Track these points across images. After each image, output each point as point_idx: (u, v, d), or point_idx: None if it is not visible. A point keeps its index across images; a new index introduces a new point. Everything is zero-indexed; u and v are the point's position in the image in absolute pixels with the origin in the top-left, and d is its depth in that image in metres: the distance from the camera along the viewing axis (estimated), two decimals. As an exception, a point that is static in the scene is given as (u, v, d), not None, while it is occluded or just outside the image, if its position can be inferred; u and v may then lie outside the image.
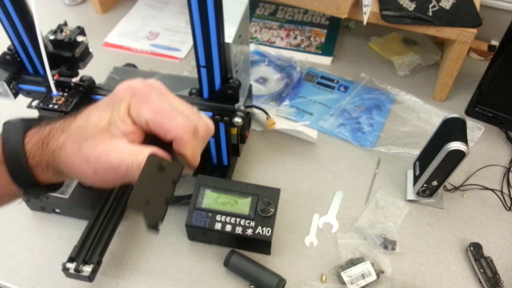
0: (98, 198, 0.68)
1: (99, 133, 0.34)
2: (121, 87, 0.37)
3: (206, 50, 0.57)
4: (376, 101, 0.91)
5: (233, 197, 0.66)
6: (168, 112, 0.35)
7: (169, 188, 0.33)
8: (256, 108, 0.78)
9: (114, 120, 0.35)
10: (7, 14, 0.61)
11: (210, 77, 0.61)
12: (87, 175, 0.35)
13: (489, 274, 0.64)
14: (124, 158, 0.34)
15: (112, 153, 0.34)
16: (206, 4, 0.51)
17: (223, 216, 0.65)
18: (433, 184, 0.69)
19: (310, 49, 1.03)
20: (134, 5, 1.16)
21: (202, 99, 0.64)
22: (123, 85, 0.37)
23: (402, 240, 0.69)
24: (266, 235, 0.63)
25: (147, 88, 0.36)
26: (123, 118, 0.35)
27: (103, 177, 0.35)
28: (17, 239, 0.70)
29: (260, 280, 0.62)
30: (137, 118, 0.35)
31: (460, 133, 0.64)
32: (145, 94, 0.36)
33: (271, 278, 0.63)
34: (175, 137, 0.35)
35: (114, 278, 0.65)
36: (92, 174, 0.35)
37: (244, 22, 0.65)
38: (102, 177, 0.35)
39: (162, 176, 0.32)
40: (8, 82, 0.66)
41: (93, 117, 0.36)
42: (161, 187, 0.32)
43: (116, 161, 0.34)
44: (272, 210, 0.65)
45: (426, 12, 0.83)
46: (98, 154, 0.34)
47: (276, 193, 0.67)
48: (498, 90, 0.81)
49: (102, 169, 0.34)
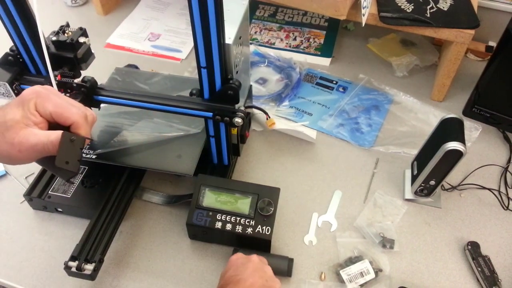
0: (100, 197, 0.69)
1: (16, 124, 0.48)
2: (27, 91, 0.50)
3: (206, 51, 0.57)
4: (375, 102, 0.92)
5: (233, 196, 0.67)
6: (65, 106, 0.51)
7: (79, 152, 0.49)
8: (256, 109, 0.78)
9: (26, 114, 0.49)
10: (9, 15, 0.62)
11: (211, 78, 0.61)
12: (13, 155, 0.49)
13: (486, 272, 0.65)
14: (40, 139, 0.48)
15: (30, 137, 0.48)
16: (207, 5, 0.51)
17: (224, 215, 0.65)
18: (431, 183, 0.70)
19: (309, 50, 1.03)
20: (135, 7, 1.17)
21: (203, 100, 0.65)
22: (28, 90, 0.51)
23: (400, 239, 0.70)
24: (266, 234, 0.64)
25: (47, 90, 0.51)
26: (33, 113, 0.49)
27: (26, 155, 0.49)
28: (19, 238, 0.70)
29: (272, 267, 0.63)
30: (43, 112, 0.50)
31: (457, 133, 0.65)
32: (46, 95, 0.50)
33: (280, 261, 0.64)
34: (73, 123, 0.51)
35: (115, 277, 0.66)
36: (18, 153, 0.48)
37: (244, 24, 0.66)
38: (26, 155, 0.49)
39: (73, 145, 0.49)
40: (10, 83, 0.66)
41: (9, 114, 0.48)
42: (73, 152, 0.49)
43: (34, 141, 0.48)
44: (272, 209, 0.65)
45: (424, 14, 0.83)
46: (20, 139, 0.48)
47: (276, 193, 0.67)
48: (496, 91, 0.82)
49: (25, 148, 0.48)
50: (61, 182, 0.72)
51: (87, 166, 0.75)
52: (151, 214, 0.73)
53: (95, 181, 0.73)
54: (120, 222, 0.70)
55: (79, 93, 0.65)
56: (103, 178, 0.73)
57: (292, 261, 0.65)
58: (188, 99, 0.66)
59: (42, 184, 0.72)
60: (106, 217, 0.67)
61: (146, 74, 0.85)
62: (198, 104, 0.65)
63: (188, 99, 0.66)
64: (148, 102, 0.66)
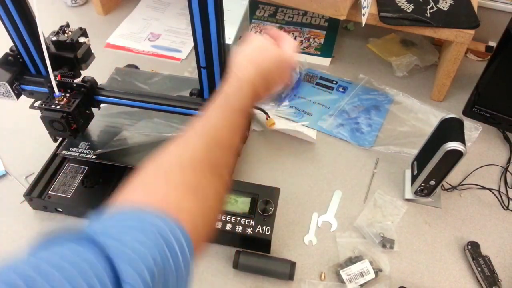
0: (99, 197, 0.69)
1: None
2: None
3: (206, 51, 0.57)
4: (375, 102, 0.92)
5: (233, 196, 0.67)
6: None
7: None
8: (256, 109, 0.78)
9: None
10: (9, 15, 0.62)
11: (211, 78, 0.61)
12: None
13: (486, 272, 0.65)
14: None
15: None
16: (207, 6, 0.51)
17: (224, 215, 0.65)
18: (431, 183, 0.70)
19: (309, 50, 1.03)
20: (135, 7, 1.17)
21: (203, 100, 0.65)
22: None
23: (400, 239, 0.70)
24: (266, 234, 0.64)
25: None
26: None
27: None
28: (19, 238, 0.70)
29: (274, 270, 0.63)
30: None
31: (457, 133, 0.65)
32: None
33: (282, 265, 0.64)
34: None
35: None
36: None
37: (244, 24, 0.66)
38: None
39: None
40: (10, 83, 0.66)
41: None
42: None
43: None
44: (271, 209, 0.65)
45: (424, 14, 0.83)
46: None
47: (276, 193, 0.67)
48: (496, 91, 0.82)
49: None
50: (61, 182, 0.72)
51: (87, 166, 0.75)
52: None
53: (95, 181, 0.73)
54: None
55: (79, 93, 0.65)
56: (103, 178, 0.73)
57: (295, 264, 0.65)
58: (188, 99, 0.66)
59: (42, 184, 0.72)
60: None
61: (146, 74, 0.85)
62: (198, 104, 0.65)
63: (188, 99, 0.66)
64: (148, 102, 0.66)
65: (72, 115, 0.63)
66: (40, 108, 0.64)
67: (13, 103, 0.70)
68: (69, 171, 0.74)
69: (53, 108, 0.63)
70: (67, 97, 0.64)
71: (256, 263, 0.65)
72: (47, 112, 0.63)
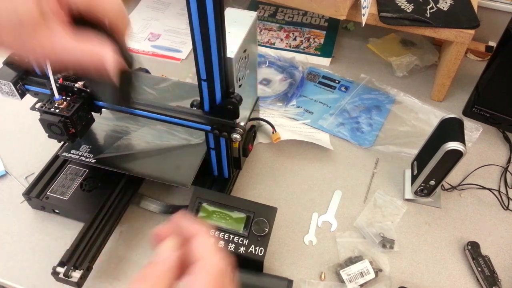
0: (96, 202, 0.68)
1: None
2: None
3: (206, 64, 0.55)
4: (376, 101, 0.92)
5: (228, 213, 0.65)
6: None
7: None
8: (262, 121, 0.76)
9: None
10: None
11: (211, 91, 0.59)
12: None
13: (486, 272, 0.65)
14: None
15: None
16: (207, 18, 0.50)
17: (217, 232, 0.63)
18: (431, 183, 0.70)
19: (309, 50, 1.03)
20: (135, 7, 1.17)
21: (203, 112, 0.63)
22: None
23: (400, 239, 0.70)
24: (258, 255, 0.61)
25: None
26: None
27: None
28: (19, 237, 0.70)
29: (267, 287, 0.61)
30: None
31: (457, 133, 0.65)
32: None
33: (278, 283, 0.61)
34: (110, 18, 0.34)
35: (114, 279, 0.66)
36: None
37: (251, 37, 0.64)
38: None
39: None
40: (15, 83, 0.65)
41: None
42: None
43: None
44: (266, 229, 0.63)
45: (424, 14, 0.83)
46: None
47: (272, 212, 0.64)
48: (496, 91, 0.82)
49: None
50: (60, 184, 0.72)
51: (88, 169, 0.74)
52: (149, 222, 0.72)
53: (94, 185, 0.72)
54: (113, 229, 0.68)
55: (80, 98, 0.64)
56: (102, 182, 0.72)
57: (292, 283, 0.61)
58: (187, 110, 0.63)
59: (42, 184, 0.71)
60: (99, 223, 0.66)
61: (155, 79, 0.82)
62: (197, 117, 0.62)
63: (188, 110, 0.63)
64: (148, 111, 0.64)
65: (70, 119, 0.62)
66: (39, 110, 0.63)
67: (14, 103, 0.70)
68: (70, 173, 0.74)
69: (51, 111, 0.62)
70: (68, 101, 0.63)
71: (249, 281, 0.61)
72: (46, 115, 0.62)
